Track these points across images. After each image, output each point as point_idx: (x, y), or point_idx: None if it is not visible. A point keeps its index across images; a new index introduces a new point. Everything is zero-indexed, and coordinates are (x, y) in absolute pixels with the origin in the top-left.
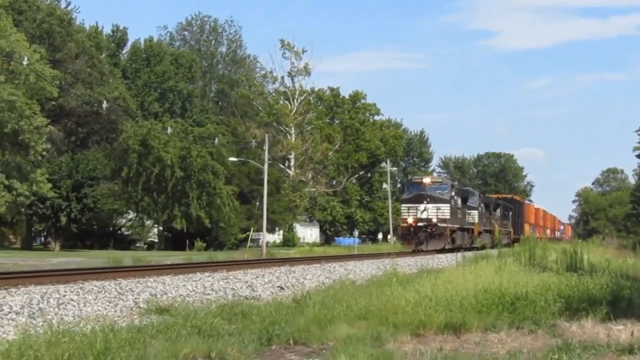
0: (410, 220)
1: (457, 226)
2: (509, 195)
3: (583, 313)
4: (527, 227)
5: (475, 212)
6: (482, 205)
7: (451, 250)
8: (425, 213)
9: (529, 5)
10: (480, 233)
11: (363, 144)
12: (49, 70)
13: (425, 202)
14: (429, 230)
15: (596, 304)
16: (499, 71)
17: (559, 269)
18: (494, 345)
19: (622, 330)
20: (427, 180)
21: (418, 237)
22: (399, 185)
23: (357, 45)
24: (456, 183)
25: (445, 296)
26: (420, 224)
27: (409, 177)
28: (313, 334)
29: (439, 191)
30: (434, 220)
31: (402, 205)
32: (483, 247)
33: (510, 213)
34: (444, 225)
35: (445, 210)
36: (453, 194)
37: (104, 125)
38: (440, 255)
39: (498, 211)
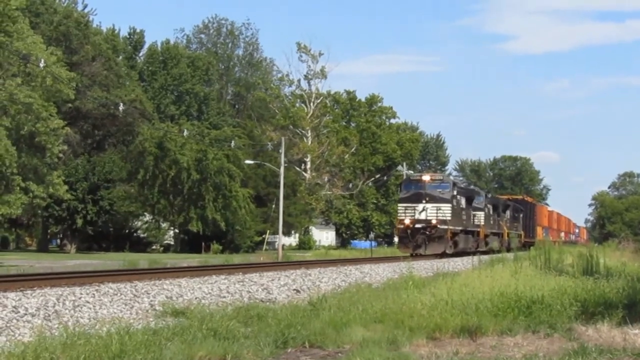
0: (407, 221)
1: (460, 228)
2: (520, 197)
3: (599, 317)
4: (539, 230)
5: (481, 214)
6: (489, 206)
7: (454, 255)
8: (423, 214)
9: (544, 9)
10: (487, 236)
11: (379, 147)
12: (66, 72)
13: (424, 201)
14: (427, 232)
15: (612, 307)
16: (515, 74)
17: (575, 272)
18: (510, 349)
19: (639, 334)
20: (426, 177)
21: (416, 240)
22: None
23: (373, 49)
24: (462, 181)
25: (461, 299)
26: (418, 225)
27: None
28: (329, 336)
29: (440, 190)
30: (434, 221)
31: (399, 205)
32: (490, 252)
33: (521, 215)
34: (445, 227)
35: (446, 210)
36: (455, 193)
37: (120, 127)
38: (456, 259)
39: (507, 213)
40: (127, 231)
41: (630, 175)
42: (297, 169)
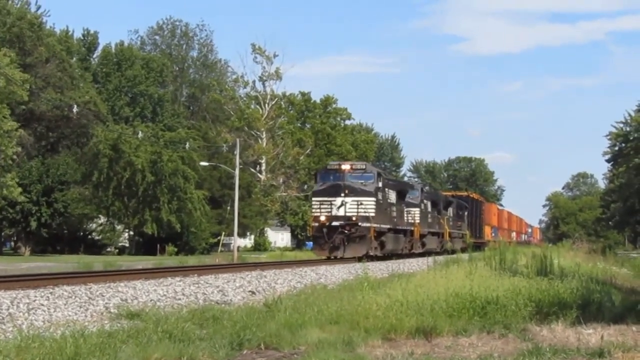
0: (322, 218)
1: (388, 226)
2: (465, 193)
3: (553, 317)
4: (487, 230)
5: (416, 210)
6: (426, 202)
7: (380, 259)
8: (342, 209)
9: (497, 11)
10: (423, 236)
11: (334, 149)
12: (19, 74)
13: (342, 194)
14: (346, 231)
15: (566, 308)
16: (470, 76)
17: (530, 273)
18: (465, 350)
19: (592, 334)
20: (345, 166)
21: (333, 241)
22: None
23: (328, 50)
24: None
25: (416, 300)
26: (335, 223)
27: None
28: (284, 338)
29: (362, 181)
30: (354, 218)
31: (313, 199)
32: (427, 254)
33: (466, 213)
34: (367, 224)
35: (368, 205)
36: (381, 184)
37: (74, 129)
38: (411, 260)
39: (450, 210)
40: (81, 233)
41: (584, 175)
42: (252, 170)
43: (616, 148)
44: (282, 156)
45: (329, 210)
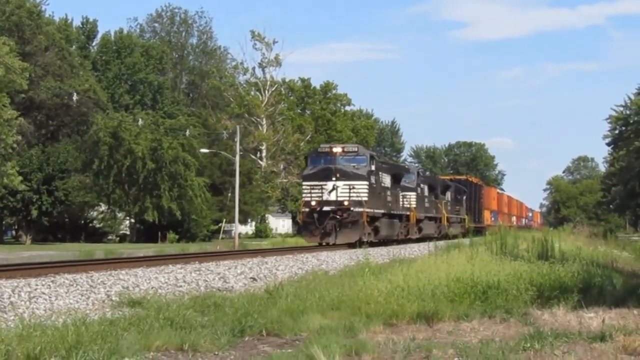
0: (313, 203)
1: (382, 211)
2: (463, 177)
3: (555, 301)
4: (487, 214)
5: (412, 195)
6: (422, 186)
7: (374, 245)
8: (333, 193)
9: None
10: (420, 221)
11: (335, 135)
12: (19, 62)
13: (334, 178)
14: (338, 216)
15: (567, 292)
16: (470, 61)
17: (530, 257)
18: (467, 334)
19: (593, 318)
20: (337, 149)
21: (324, 227)
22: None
23: (328, 37)
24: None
25: (417, 286)
26: (326, 208)
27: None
28: (286, 325)
29: (354, 164)
30: (346, 202)
31: (304, 183)
32: (424, 239)
33: (465, 197)
34: (360, 209)
35: (361, 189)
36: (374, 168)
37: (74, 117)
38: (412, 245)
39: (448, 195)
40: (82, 221)
41: (584, 159)
42: (253, 157)
43: (616, 131)
44: (282, 142)
45: (320, 194)
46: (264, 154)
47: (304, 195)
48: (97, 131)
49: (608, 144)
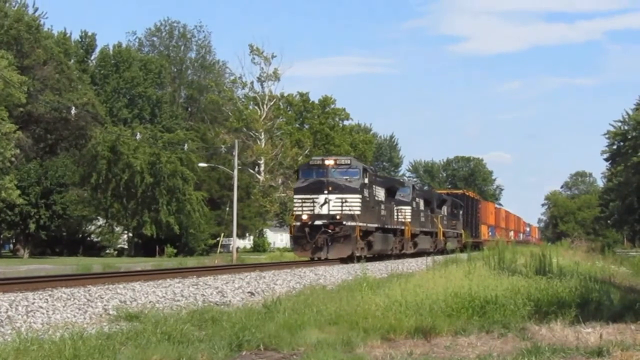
0: (304, 217)
1: (376, 225)
2: (460, 191)
3: (552, 316)
4: (484, 229)
5: (407, 209)
6: (418, 200)
7: (368, 260)
8: (325, 207)
9: (494, 11)
10: (415, 236)
11: (333, 149)
12: (17, 76)
13: (326, 191)
14: (330, 230)
15: (565, 307)
16: (468, 76)
17: (528, 272)
18: (464, 349)
19: (591, 333)
20: (329, 162)
21: (315, 241)
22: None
23: (326, 51)
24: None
25: (415, 300)
26: (318, 221)
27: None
28: (284, 339)
29: (347, 177)
30: (338, 216)
31: (295, 196)
32: (419, 254)
33: (461, 212)
34: (352, 223)
35: (353, 203)
36: (367, 181)
37: (72, 131)
38: (410, 260)
39: (444, 209)
40: (80, 235)
41: (582, 174)
42: (251, 171)
43: (614, 147)
44: (280, 157)
45: (312, 208)
46: (262, 168)
47: (295, 208)
48: (96, 145)
49: (606, 159)
